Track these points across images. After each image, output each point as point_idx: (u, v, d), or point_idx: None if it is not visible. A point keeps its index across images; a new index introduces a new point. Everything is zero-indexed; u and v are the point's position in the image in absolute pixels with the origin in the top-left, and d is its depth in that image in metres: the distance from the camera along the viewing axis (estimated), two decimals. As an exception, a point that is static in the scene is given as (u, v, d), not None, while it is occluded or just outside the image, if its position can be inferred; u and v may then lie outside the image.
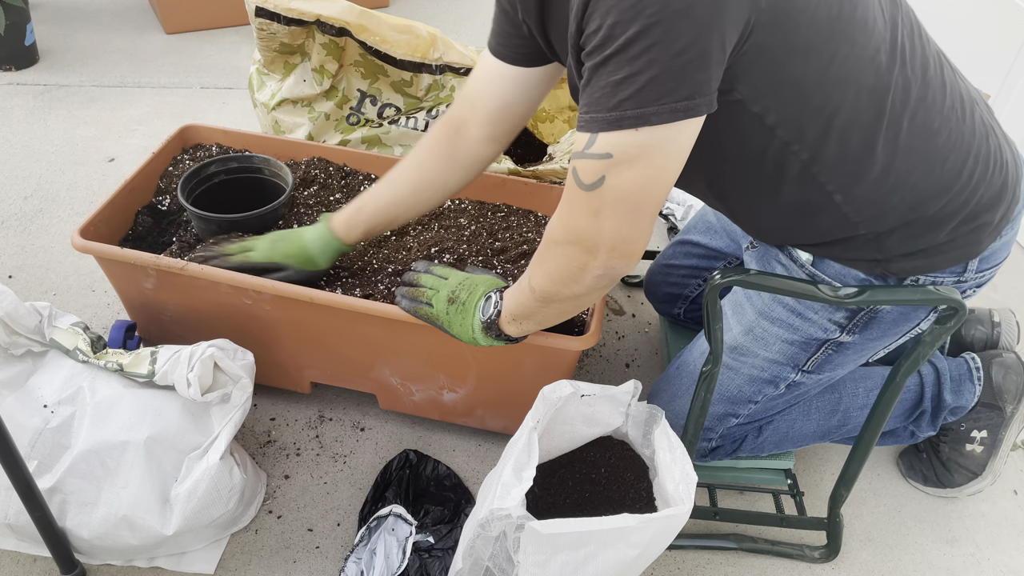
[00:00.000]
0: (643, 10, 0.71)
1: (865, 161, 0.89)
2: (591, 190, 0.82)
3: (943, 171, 0.92)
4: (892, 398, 1.03)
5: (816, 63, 0.81)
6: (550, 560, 0.91)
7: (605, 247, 0.86)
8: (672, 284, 1.46)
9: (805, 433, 1.25)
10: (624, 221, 0.84)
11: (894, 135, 0.88)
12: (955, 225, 0.95)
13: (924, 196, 0.92)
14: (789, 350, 1.09)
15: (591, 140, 0.80)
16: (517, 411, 1.15)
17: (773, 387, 1.14)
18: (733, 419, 1.19)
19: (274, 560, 1.21)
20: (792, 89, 0.83)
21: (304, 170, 1.52)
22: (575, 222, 0.86)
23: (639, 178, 0.80)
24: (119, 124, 2.25)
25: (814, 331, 1.06)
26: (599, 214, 0.83)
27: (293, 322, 1.27)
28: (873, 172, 0.90)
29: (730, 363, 1.15)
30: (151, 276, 1.27)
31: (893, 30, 0.86)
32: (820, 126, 0.86)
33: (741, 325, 1.12)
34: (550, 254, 0.93)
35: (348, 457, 1.37)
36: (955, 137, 0.92)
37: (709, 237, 1.39)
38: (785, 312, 1.07)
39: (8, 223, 1.84)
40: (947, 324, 0.92)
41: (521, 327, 1.06)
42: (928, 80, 0.89)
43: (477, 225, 1.45)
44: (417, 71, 1.63)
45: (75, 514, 1.08)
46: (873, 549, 1.30)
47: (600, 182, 0.81)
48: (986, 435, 1.32)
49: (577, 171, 0.83)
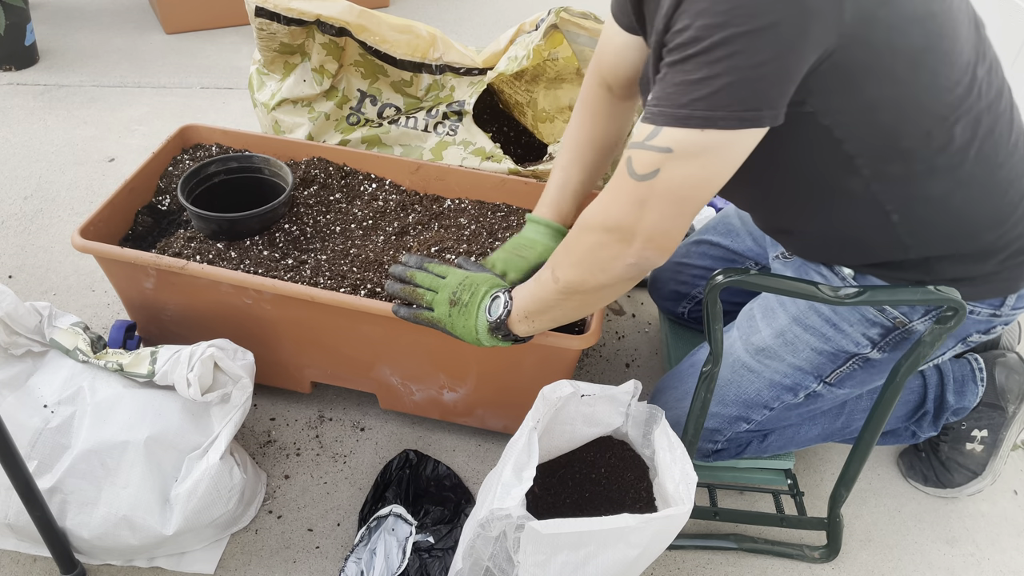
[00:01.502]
0: (733, 18, 0.73)
1: (927, 184, 0.90)
2: (642, 180, 0.83)
3: (1002, 203, 0.93)
4: (892, 398, 1.03)
5: (893, 89, 0.83)
6: (550, 560, 0.91)
7: (642, 237, 0.86)
8: (681, 282, 1.46)
9: (809, 437, 1.26)
10: (667, 215, 0.85)
11: (959, 162, 0.89)
12: (1004, 257, 0.96)
13: (980, 226, 0.93)
14: (817, 359, 1.09)
15: (654, 132, 0.81)
16: (517, 411, 1.15)
17: (792, 395, 1.14)
18: (744, 424, 1.18)
19: (274, 560, 1.21)
20: (865, 109, 0.84)
21: (304, 170, 1.52)
22: (618, 209, 0.87)
23: (692, 177, 0.81)
24: (119, 124, 2.25)
25: (846, 343, 1.06)
26: (644, 204, 0.84)
27: (293, 321, 1.27)
28: (934, 196, 0.91)
29: (753, 365, 1.14)
30: (151, 276, 1.27)
31: (975, 64, 0.87)
32: (887, 146, 0.87)
33: (772, 328, 1.12)
34: (582, 240, 0.93)
35: (348, 457, 1.37)
36: (1017, 171, 0.93)
37: (731, 239, 1.38)
38: (820, 321, 1.07)
39: (8, 223, 1.84)
40: (947, 324, 0.92)
41: (533, 325, 1.04)
42: (998, 114, 0.91)
43: (477, 225, 1.45)
44: (417, 71, 1.63)
45: (75, 514, 1.08)
46: (873, 549, 1.30)
47: (653, 174, 0.82)
48: (987, 434, 1.32)
49: (632, 160, 0.84)
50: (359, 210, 1.48)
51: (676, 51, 0.78)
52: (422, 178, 1.54)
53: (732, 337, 1.18)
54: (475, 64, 1.62)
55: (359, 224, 1.45)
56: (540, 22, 1.54)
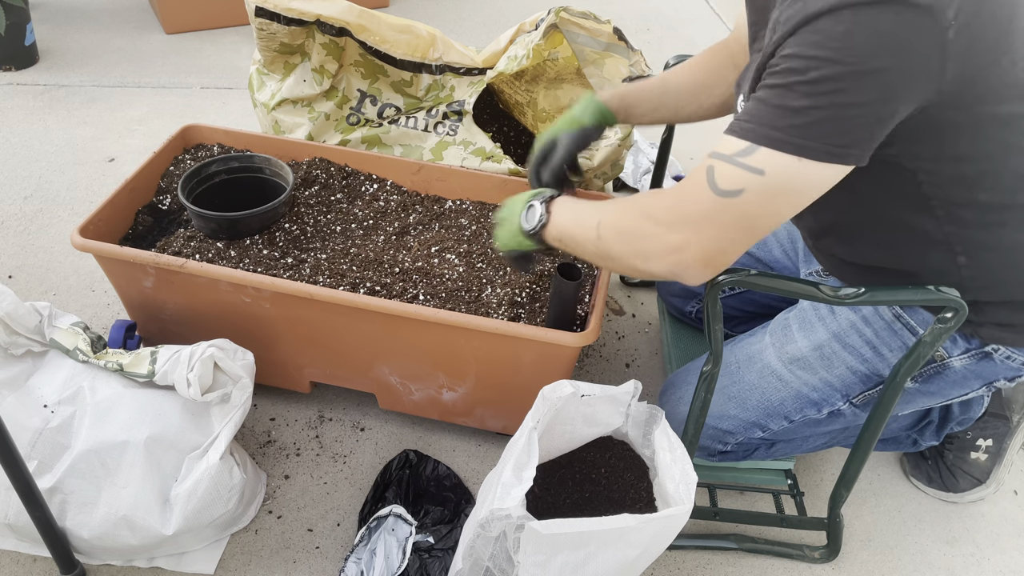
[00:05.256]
0: (844, 56, 0.74)
1: (1000, 234, 0.91)
2: (724, 196, 0.82)
3: None
4: (892, 398, 1.03)
5: (982, 147, 0.84)
6: (550, 560, 0.91)
7: (697, 250, 0.85)
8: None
9: (816, 444, 1.26)
10: (731, 238, 0.84)
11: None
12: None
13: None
14: (850, 378, 1.09)
15: (749, 149, 0.80)
16: (517, 411, 1.15)
17: (816, 410, 1.13)
18: (759, 432, 1.17)
19: (274, 560, 1.21)
20: (950, 160, 0.85)
21: (305, 170, 1.53)
22: (687, 215, 0.85)
23: (769, 206, 0.81)
24: (119, 124, 2.25)
25: (882, 367, 1.06)
26: (713, 220, 0.83)
27: (292, 320, 1.27)
28: (1004, 246, 0.92)
29: (783, 374, 1.13)
30: (150, 275, 1.27)
31: None
32: (966, 195, 0.88)
33: (810, 341, 1.11)
34: (638, 224, 0.90)
35: (348, 457, 1.37)
36: None
37: (758, 248, 1.36)
38: (861, 342, 1.07)
39: (8, 223, 1.84)
40: (947, 324, 0.92)
41: (562, 243, 1.03)
42: None
43: (478, 225, 1.46)
44: (417, 71, 1.63)
45: (75, 514, 1.08)
46: (873, 549, 1.30)
47: (737, 193, 0.81)
48: (991, 444, 1.32)
49: (715, 171, 0.82)
50: (360, 210, 1.48)
51: (781, 75, 0.78)
52: (423, 179, 1.54)
53: (764, 343, 1.17)
54: (475, 64, 1.62)
55: (359, 224, 1.45)
56: (540, 22, 1.54)
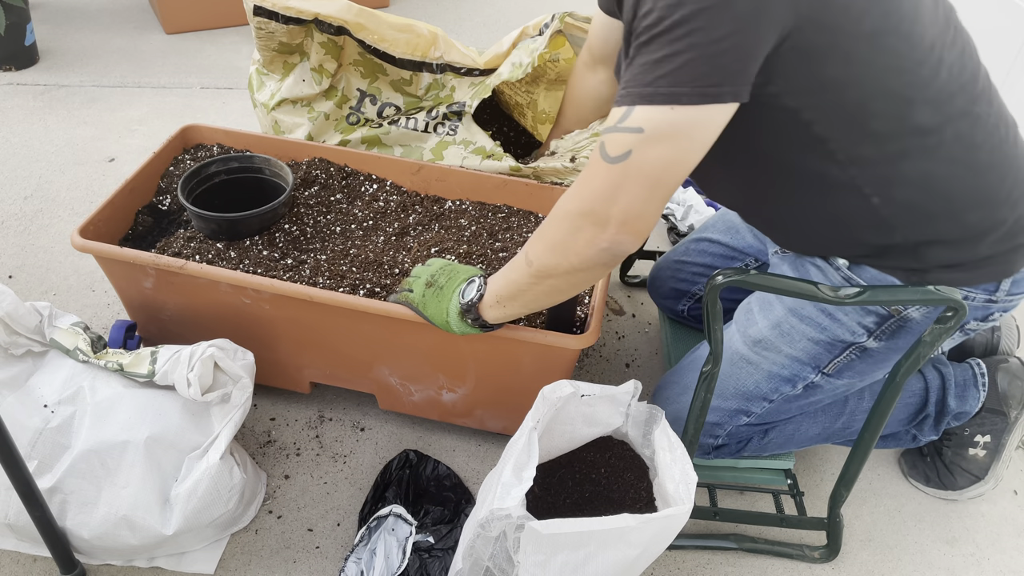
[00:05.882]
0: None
1: (903, 166, 0.91)
2: (615, 163, 0.84)
3: (984, 183, 0.93)
4: (892, 398, 1.03)
5: (853, 69, 0.84)
6: (550, 560, 0.91)
7: (616, 221, 0.87)
8: (681, 280, 1.46)
9: (810, 435, 1.25)
10: (640, 198, 0.85)
11: (935, 144, 0.89)
12: (993, 240, 0.96)
13: (963, 206, 0.94)
14: (814, 349, 1.09)
15: (626, 113, 0.82)
16: (517, 411, 1.15)
17: (791, 386, 1.14)
18: (744, 417, 1.19)
19: (274, 560, 1.21)
20: (828, 90, 0.85)
21: (305, 170, 1.52)
22: (591, 193, 0.88)
23: (663, 157, 0.83)
24: (119, 124, 2.25)
25: (842, 332, 1.06)
26: (618, 187, 0.85)
27: (292, 321, 1.27)
28: (912, 178, 0.91)
29: (751, 358, 1.15)
30: (151, 275, 1.27)
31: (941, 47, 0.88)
32: (857, 128, 0.88)
33: (768, 320, 1.13)
34: (557, 225, 0.94)
35: (348, 457, 1.37)
36: (998, 155, 0.93)
37: (730, 236, 1.39)
38: (816, 311, 1.08)
39: (8, 223, 1.84)
40: (947, 324, 0.92)
41: (505, 310, 1.05)
42: (974, 95, 0.91)
43: (478, 226, 1.45)
44: (417, 70, 1.63)
45: (75, 514, 1.08)
46: (873, 549, 1.30)
47: (626, 155, 0.83)
48: (989, 440, 1.32)
49: (605, 144, 0.85)
50: (359, 211, 1.48)
51: (642, 34, 0.81)
52: (423, 179, 1.54)
53: (731, 332, 1.19)
54: (476, 65, 1.62)
55: (359, 224, 1.45)
56: (544, 27, 1.54)
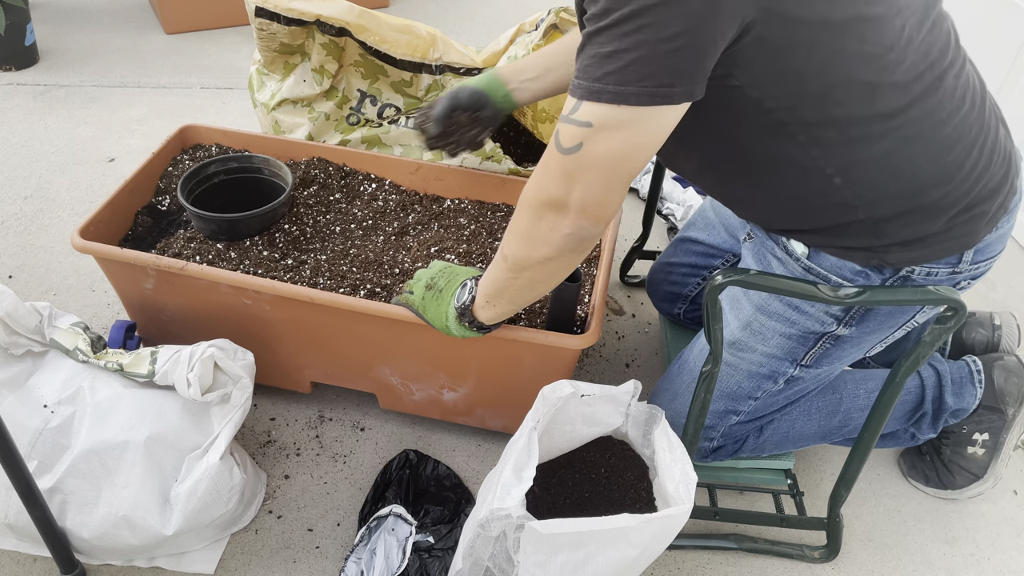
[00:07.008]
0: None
1: (866, 147, 0.89)
2: (568, 154, 0.84)
3: (948, 160, 0.92)
4: (892, 398, 1.03)
5: (819, 61, 0.81)
6: (550, 560, 0.91)
7: (575, 208, 0.87)
8: (673, 283, 1.46)
9: (806, 434, 1.25)
10: (596, 186, 0.85)
11: (899, 124, 0.88)
12: (953, 214, 0.95)
13: (926, 184, 0.92)
14: (787, 344, 1.10)
15: (575, 106, 0.82)
16: (517, 411, 1.15)
17: (772, 382, 1.15)
18: (734, 416, 1.19)
19: (274, 560, 1.21)
20: (792, 79, 0.83)
21: (304, 170, 1.53)
22: (549, 182, 0.88)
23: (614, 150, 0.82)
24: (119, 124, 2.25)
25: (811, 324, 1.06)
26: (572, 177, 0.85)
27: (293, 322, 1.27)
28: (875, 158, 0.90)
29: (729, 359, 1.15)
30: (151, 276, 1.27)
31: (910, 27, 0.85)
32: (820, 114, 0.86)
33: (739, 320, 1.13)
34: (522, 215, 0.94)
35: (348, 457, 1.37)
36: (962, 128, 0.91)
37: (707, 233, 1.39)
38: (782, 306, 1.07)
39: (8, 223, 1.84)
40: (947, 324, 0.92)
41: (495, 309, 1.05)
42: (942, 71, 0.88)
43: (477, 225, 1.46)
44: (417, 71, 1.63)
45: (75, 514, 1.08)
46: (873, 549, 1.30)
47: (577, 148, 0.83)
48: (987, 438, 1.32)
49: (559, 133, 0.85)
50: (359, 210, 1.48)
51: (592, 21, 0.78)
52: (422, 178, 1.54)
53: None
54: (475, 64, 1.62)
55: (359, 224, 1.45)
56: (540, 22, 1.54)
